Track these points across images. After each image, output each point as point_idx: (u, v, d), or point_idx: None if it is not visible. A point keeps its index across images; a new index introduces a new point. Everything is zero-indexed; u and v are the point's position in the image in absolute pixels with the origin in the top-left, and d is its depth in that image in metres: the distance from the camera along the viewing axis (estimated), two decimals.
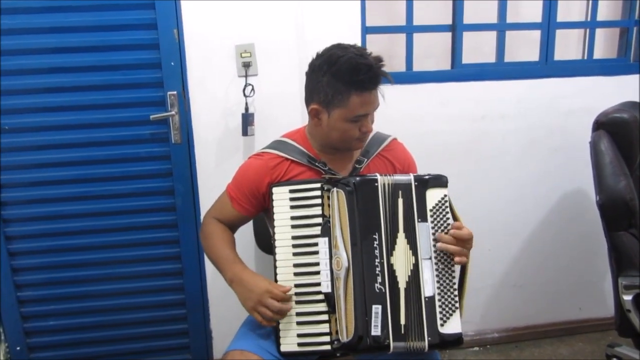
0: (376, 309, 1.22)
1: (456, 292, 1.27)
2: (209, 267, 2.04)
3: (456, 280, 1.28)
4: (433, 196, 1.29)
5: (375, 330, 1.21)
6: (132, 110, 1.89)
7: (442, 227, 1.28)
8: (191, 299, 2.07)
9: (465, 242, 1.28)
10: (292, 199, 1.32)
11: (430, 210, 1.28)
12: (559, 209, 2.26)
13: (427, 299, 1.24)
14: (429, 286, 1.25)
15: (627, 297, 1.67)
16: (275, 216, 1.32)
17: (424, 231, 1.27)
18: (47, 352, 2.05)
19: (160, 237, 2.01)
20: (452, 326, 1.24)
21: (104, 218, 1.95)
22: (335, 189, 1.27)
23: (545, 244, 2.28)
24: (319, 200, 1.30)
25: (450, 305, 1.25)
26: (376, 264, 1.24)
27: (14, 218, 1.92)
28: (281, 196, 1.32)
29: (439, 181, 1.30)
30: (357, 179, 1.27)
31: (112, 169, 1.92)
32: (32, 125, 1.86)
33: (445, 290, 1.26)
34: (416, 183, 1.28)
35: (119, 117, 1.89)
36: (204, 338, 2.13)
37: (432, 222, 1.28)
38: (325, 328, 1.27)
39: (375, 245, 1.24)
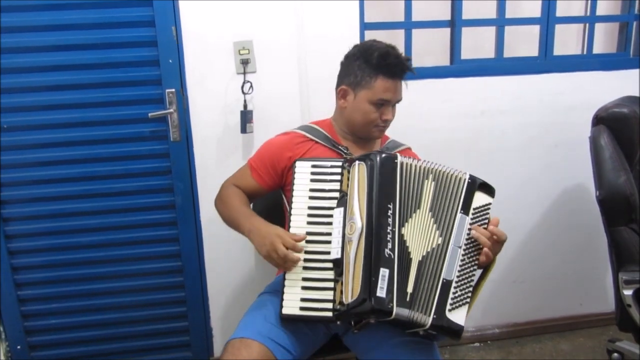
0: (383, 272, 1.23)
1: (471, 288, 1.30)
2: (208, 264, 2.04)
3: (474, 278, 1.32)
4: (479, 199, 1.36)
5: (381, 292, 1.21)
6: (130, 108, 1.88)
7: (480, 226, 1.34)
8: (191, 296, 2.07)
9: (496, 243, 1.33)
10: (313, 174, 1.38)
11: (474, 209, 1.34)
12: (559, 204, 2.25)
13: (444, 281, 1.27)
14: (449, 270, 1.28)
15: (628, 292, 1.67)
16: (294, 187, 1.37)
17: (462, 222, 1.32)
18: (47, 350, 2.06)
19: (159, 234, 2.01)
20: (458, 316, 1.26)
21: (103, 216, 1.95)
22: (357, 162, 1.33)
23: (545, 239, 2.28)
24: (338, 177, 1.36)
25: (462, 297, 1.28)
26: (388, 231, 1.26)
27: (13, 216, 1.92)
28: (303, 169, 1.38)
29: (489, 189, 1.39)
30: (379, 155, 1.33)
31: (111, 167, 1.92)
32: (31, 123, 1.86)
33: (462, 282, 1.29)
34: (469, 180, 1.36)
35: (117, 114, 1.88)
36: (204, 336, 2.13)
37: (472, 217, 1.33)
38: (329, 295, 1.28)
39: (389, 214, 1.28)
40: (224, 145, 1.95)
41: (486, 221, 1.35)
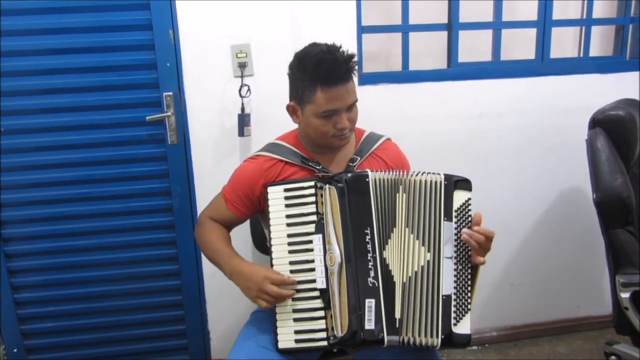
0: (369, 303, 1.21)
1: (470, 295, 1.27)
2: (206, 267, 2.04)
3: (470, 283, 1.29)
4: (458, 198, 1.29)
5: (369, 324, 1.21)
6: (128, 112, 1.89)
7: (465, 228, 1.29)
8: (189, 299, 2.07)
9: (486, 242, 1.28)
10: (286, 198, 1.32)
11: (456, 211, 1.29)
12: (556, 207, 2.25)
13: (444, 297, 1.24)
14: (447, 285, 1.25)
15: (625, 295, 1.66)
16: (270, 215, 1.33)
17: (448, 230, 1.27)
18: (44, 353, 2.05)
19: (157, 238, 2.01)
20: (464, 327, 1.25)
21: (100, 219, 1.95)
22: (327, 185, 1.27)
23: (542, 242, 2.28)
24: (313, 198, 1.31)
25: (464, 306, 1.26)
26: (369, 258, 1.23)
27: (10, 220, 1.92)
28: (276, 195, 1.33)
29: (466, 184, 1.31)
30: (349, 174, 1.27)
31: (109, 170, 1.92)
32: (28, 126, 1.86)
33: (461, 291, 1.26)
34: (446, 182, 1.28)
35: (115, 118, 1.88)
36: (201, 338, 2.12)
37: (455, 222, 1.28)
38: (321, 324, 1.27)
39: (367, 239, 1.24)
40: (222, 148, 1.95)
41: (469, 219, 1.29)
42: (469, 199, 1.30)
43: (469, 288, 1.27)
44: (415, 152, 1.64)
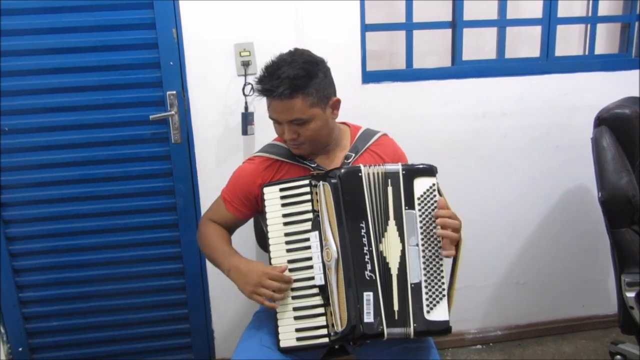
0: (367, 296, 1.23)
1: (443, 280, 1.28)
2: (210, 266, 2.04)
3: (444, 269, 1.29)
4: (421, 185, 1.30)
5: (368, 318, 1.22)
6: (131, 110, 1.89)
7: (430, 215, 1.29)
8: (193, 298, 2.07)
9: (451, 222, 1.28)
10: (282, 197, 1.34)
11: (418, 199, 1.29)
12: (561, 206, 2.25)
13: (413, 285, 1.25)
14: (415, 273, 1.26)
15: (630, 294, 1.66)
16: (267, 215, 1.35)
17: (410, 218, 1.29)
18: (49, 352, 2.06)
19: (161, 237, 2.01)
20: (439, 314, 1.25)
21: (104, 218, 1.96)
22: (321, 182, 1.29)
23: (547, 241, 2.28)
24: (308, 196, 1.32)
25: (437, 293, 1.26)
26: (365, 252, 1.25)
27: (14, 219, 1.93)
28: (272, 195, 1.35)
29: (427, 170, 1.31)
30: (342, 170, 1.29)
31: (112, 169, 1.92)
32: (32, 126, 1.87)
33: (432, 278, 1.27)
34: (404, 172, 1.30)
35: (118, 117, 1.89)
36: (205, 337, 2.13)
37: (419, 209, 1.29)
38: (322, 321, 1.28)
39: (362, 233, 1.26)
40: (225, 147, 1.95)
41: (435, 204, 1.30)
42: (433, 184, 1.31)
43: (442, 275, 1.27)
44: (419, 152, 1.64)
